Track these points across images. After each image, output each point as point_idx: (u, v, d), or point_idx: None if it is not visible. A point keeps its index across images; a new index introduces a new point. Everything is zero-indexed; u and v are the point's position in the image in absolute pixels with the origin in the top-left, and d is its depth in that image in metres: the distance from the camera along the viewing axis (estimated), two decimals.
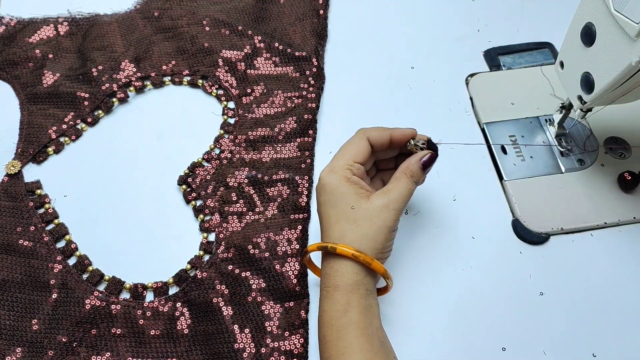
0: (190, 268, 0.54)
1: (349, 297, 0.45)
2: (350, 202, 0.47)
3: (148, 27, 0.68)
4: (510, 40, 0.68)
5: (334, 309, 0.45)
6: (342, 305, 0.45)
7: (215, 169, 0.59)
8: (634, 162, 0.59)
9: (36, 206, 0.56)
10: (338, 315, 0.45)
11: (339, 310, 0.45)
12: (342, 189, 0.48)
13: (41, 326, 0.50)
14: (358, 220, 0.47)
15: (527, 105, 0.63)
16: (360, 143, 0.50)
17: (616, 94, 0.48)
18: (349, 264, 0.46)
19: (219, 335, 0.50)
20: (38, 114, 0.62)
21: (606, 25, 0.45)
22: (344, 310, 0.45)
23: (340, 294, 0.46)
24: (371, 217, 0.46)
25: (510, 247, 0.55)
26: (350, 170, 0.49)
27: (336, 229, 0.47)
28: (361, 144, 0.50)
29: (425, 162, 0.49)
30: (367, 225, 0.46)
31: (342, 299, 0.45)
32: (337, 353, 0.44)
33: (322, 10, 0.70)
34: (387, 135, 0.50)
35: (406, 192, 0.48)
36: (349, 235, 0.46)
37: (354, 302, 0.45)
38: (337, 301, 0.45)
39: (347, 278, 0.46)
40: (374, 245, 0.46)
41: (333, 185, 0.48)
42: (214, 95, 0.64)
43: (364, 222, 0.47)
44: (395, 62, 0.67)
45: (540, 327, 0.51)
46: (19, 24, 0.67)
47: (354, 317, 0.44)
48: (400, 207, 0.47)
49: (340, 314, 0.45)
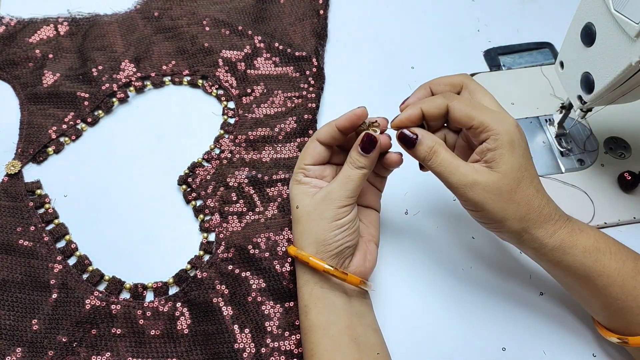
0: (190, 268, 0.54)
1: (306, 300, 0.47)
2: (295, 203, 0.48)
3: (148, 27, 0.68)
4: (510, 40, 0.68)
5: (300, 312, 0.47)
6: (302, 308, 0.47)
7: (215, 169, 0.59)
8: (634, 162, 0.59)
9: (36, 206, 0.56)
10: (302, 319, 0.47)
11: (302, 313, 0.47)
12: (294, 192, 0.49)
13: (41, 326, 0.50)
14: (300, 219, 0.47)
15: (527, 105, 0.63)
16: (309, 146, 0.49)
17: (616, 94, 0.48)
18: (298, 264, 0.48)
19: (219, 335, 0.50)
20: (38, 114, 0.62)
21: (606, 25, 0.45)
22: (305, 313, 0.47)
23: (300, 295, 0.47)
24: (309, 212, 0.47)
25: (510, 247, 0.55)
26: (302, 173, 0.49)
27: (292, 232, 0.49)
28: (310, 147, 0.49)
29: (363, 146, 0.46)
30: (305, 222, 0.47)
31: (301, 302, 0.47)
32: (307, 355, 0.46)
33: (322, 10, 0.70)
34: (332, 127, 0.48)
35: (345, 180, 0.46)
36: (294, 234, 0.48)
37: (311, 304, 0.46)
38: (300, 305, 0.47)
39: (301, 279, 0.48)
40: (315, 239, 0.46)
41: (290, 189, 0.49)
42: (214, 95, 0.64)
43: (304, 219, 0.47)
44: (395, 62, 0.67)
45: (540, 327, 0.51)
46: (19, 24, 0.67)
47: (313, 318, 0.46)
48: (339, 195, 0.46)
49: (303, 317, 0.47)
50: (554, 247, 0.45)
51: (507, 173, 0.44)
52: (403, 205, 0.58)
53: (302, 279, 0.48)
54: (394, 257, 0.54)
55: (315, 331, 0.45)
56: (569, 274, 0.46)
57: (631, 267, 0.45)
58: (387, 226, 0.56)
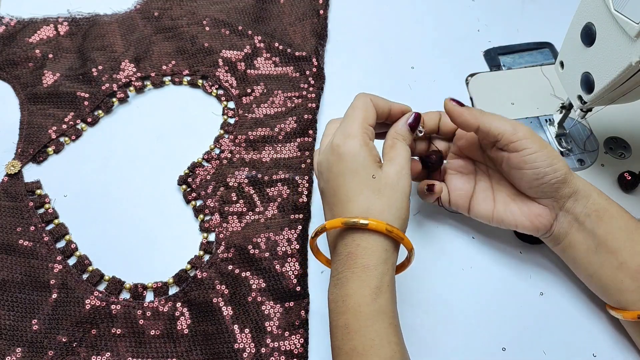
0: (190, 268, 0.54)
1: (380, 280, 0.41)
2: (371, 171, 0.44)
3: (148, 27, 0.68)
4: (510, 40, 0.68)
5: (363, 294, 0.41)
6: (372, 289, 0.41)
7: (215, 169, 0.59)
8: (634, 162, 0.59)
9: (36, 206, 0.56)
10: (367, 301, 0.40)
11: (368, 295, 0.41)
12: (363, 155, 0.44)
13: (41, 326, 0.50)
14: (382, 190, 0.43)
15: (527, 105, 0.63)
16: (369, 106, 0.47)
17: (616, 94, 0.48)
18: (380, 240, 0.42)
19: (219, 335, 0.50)
20: (38, 114, 0.62)
21: (606, 25, 0.45)
22: (375, 295, 0.40)
23: (371, 275, 0.41)
24: (393, 185, 0.43)
25: (510, 247, 0.55)
26: (366, 134, 0.45)
27: (360, 200, 0.43)
28: (370, 107, 0.47)
29: (412, 124, 0.48)
30: (391, 194, 0.43)
31: (372, 282, 0.41)
32: (365, 345, 0.40)
33: (322, 10, 0.70)
34: (388, 106, 0.48)
35: (407, 156, 0.46)
36: (375, 206, 0.43)
37: (385, 285, 0.41)
38: (367, 284, 0.41)
39: (378, 257, 0.42)
40: (400, 215, 0.43)
41: (354, 152, 0.44)
42: (214, 95, 0.64)
43: (388, 191, 0.43)
44: (395, 62, 0.67)
45: (540, 327, 0.51)
46: (19, 24, 0.67)
47: (384, 303, 0.41)
48: (408, 172, 0.45)
49: (370, 300, 0.40)
50: (598, 194, 0.47)
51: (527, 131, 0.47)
52: None
53: (379, 257, 0.42)
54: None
55: (384, 318, 0.40)
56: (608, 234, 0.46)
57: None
58: None
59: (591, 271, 0.48)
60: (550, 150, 0.47)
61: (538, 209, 0.49)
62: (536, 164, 0.46)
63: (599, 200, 0.47)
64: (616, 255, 0.46)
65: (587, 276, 0.50)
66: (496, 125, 0.47)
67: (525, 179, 0.48)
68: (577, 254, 0.49)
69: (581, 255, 0.49)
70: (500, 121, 0.48)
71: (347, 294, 0.41)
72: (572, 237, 0.49)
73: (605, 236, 0.47)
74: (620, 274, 0.46)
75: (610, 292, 0.48)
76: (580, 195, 0.47)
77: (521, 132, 0.47)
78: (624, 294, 0.47)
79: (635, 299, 0.46)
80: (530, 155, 0.46)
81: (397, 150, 0.46)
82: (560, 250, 0.50)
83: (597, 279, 0.48)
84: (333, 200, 0.45)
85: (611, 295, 0.48)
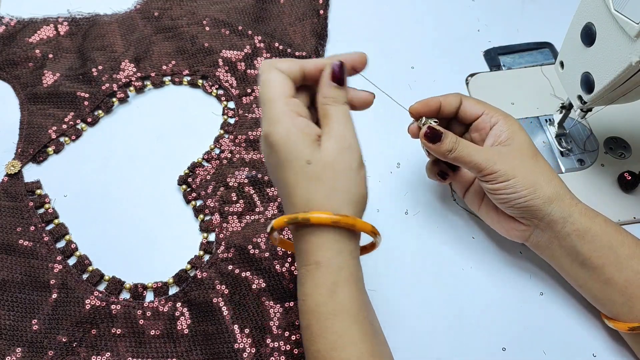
0: (190, 268, 0.54)
1: (337, 275, 0.38)
2: (305, 156, 0.38)
3: (148, 27, 0.68)
4: (510, 40, 0.68)
5: (319, 292, 0.38)
6: (327, 287, 0.38)
7: (215, 169, 0.59)
8: (634, 162, 0.59)
9: (36, 206, 0.56)
10: (324, 300, 0.38)
11: (325, 294, 0.38)
12: (292, 140, 0.39)
13: (41, 326, 0.50)
14: (320, 175, 0.38)
15: (527, 105, 0.63)
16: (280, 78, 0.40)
17: (616, 94, 0.48)
18: (330, 232, 0.38)
19: (219, 335, 0.50)
20: (38, 114, 0.62)
21: (606, 25, 0.45)
22: (330, 292, 0.38)
23: (325, 272, 0.38)
24: (333, 164, 0.38)
25: (510, 247, 0.55)
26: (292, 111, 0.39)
27: (298, 193, 0.39)
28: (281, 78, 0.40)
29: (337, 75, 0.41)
30: (333, 176, 0.38)
31: (328, 278, 0.38)
32: (327, 347, 0.37)
33: (322, 10, 0.70)
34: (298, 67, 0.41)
35: (344, 120, 0.40)
36: (316, 197, 0.38)
37: (343, 280, 0.38)
38: (322, 282, 0.38)
39: (330, 250, 0.38)
40: (350, 197, 0.39)
41: (282, 140, 0.39)
42: (214, 95, 0.64)
43: (328, 174, 0.38)
44: (395, 62, 0.67)
45: (540, 327, 0.51)
46: (19, 24, 0.67)
47: (343, 300, 0.38)
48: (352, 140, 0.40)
49: (327, 299, 0.38)
50: (580, 213, 0.47)
51: (523, 144, 0.49)
52: (403, 205, 0.58)
53: (331, 250, 0.38)
54: (394, 257, 0.54)
55: (344, 317, 0.37)
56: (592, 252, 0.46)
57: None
58: (387, 226, 0.56)
59: (580, 283, 0.49)
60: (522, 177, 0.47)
61: (514, 223, 0.50)
62: (500, 192, 0.48)
63: (581, 220, 0.47)
64: (602, 271, 0.46)
65: (577, 286, 0.50)
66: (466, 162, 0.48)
67: (495, 200, 0.49)
68: (562, 265, 0.50)
69: (567, 268, 0.49)
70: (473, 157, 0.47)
71: (305, 293, 0.39)
72: (554, 252, 0.49)
73: (589, 253, 0.47)
74: (608, 288, 0.47)
75: (600, 303, 0.48)
76: (556, 217, 0.47)
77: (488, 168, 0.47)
78: (614, 307, 0.47)
79: (625, 311, 0.46)
80: (495, 184, 0.47)
81: (331, 118, 0.40)
82: (546, 258, 0.51)
83: (586, 290, 0.49)
84: (279, 193, 0.42)
85: (603, 306, 0.48)
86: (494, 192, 0.48)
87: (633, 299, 0.45)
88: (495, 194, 0.48)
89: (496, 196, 0.48)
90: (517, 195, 0.47)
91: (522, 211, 0.48)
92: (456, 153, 0.48)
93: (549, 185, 0.47)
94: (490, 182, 0.48)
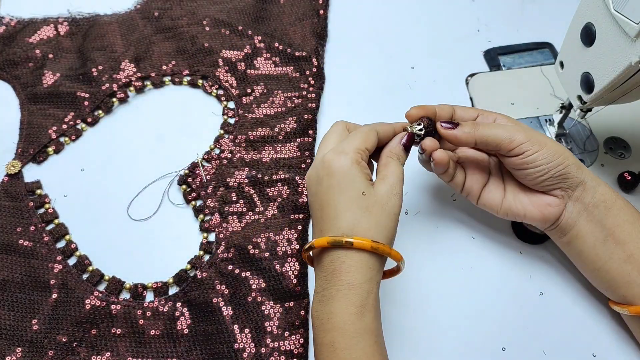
0: (190, 268, 0.54)
1: (366, 298, 0.41)
2: (361, 188, 0.43)
3: (148, 27, 0.68)
4: (510, 40, 0.68)
5: (349, 312, 0.41)
6: (357, 307, 0.41)
7: (215, 169, 0.59)
8: (634, 162, 0.59)
9: (36, 206, 0.56)
10: (353, 319, 0.41)
11: (354, 313, 0.41)
12: (354, 172, 0.44)
13: (41, 326, 0.50)
14: (370, 208, 0.43)
15: (527, 105, 0.63)
16: (370, 133, 0.47)
17: (616, 94, 0.48)
18: (365, 258, 0.42)
19: (219, 335, 0.50)
20: (38, 114, 0.62)
21: (606, 25, 0.45)
22: (360, 313, 0.41)
23: (356, 293, 0.41)
24: (382, 203, 0.44)
25: (510, 247, 0.55)
26: (360, 155, 0.45)
27: (347, 217, 0.43)
28: (371, 134, 0.47)
29: (405, 143, 0.48)
30: (380, 213, 0.43)
31: (358, 300, 0.41)
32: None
33: (322, 10, 0.70)
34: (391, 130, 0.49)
35: (401, 175, 0.46)
36: (362, 224, 0.43)
37: (370, 304, 0.42)
38: (353, 302, 0.41)
39: (363, 275, 0.42)
40: (387, 234, 0.44)
41: (344, 168, 0.44)
42: (214, 95, 0.64)
43: (376, 209, 0.43)
44: (395, 62, 0.67)
45: (540, 327, 0.51)
46: (19, 24, 0.67)
47: (369, 321, 0.41)
48: (400, 191, 0.45)
49: (356, 318, 0.41)
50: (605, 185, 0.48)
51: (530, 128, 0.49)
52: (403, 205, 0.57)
53: (364, 275, 0.42)
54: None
55: (369, 336, 0.41)
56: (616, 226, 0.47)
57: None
58: None
59: (598, 264, 0.48)
60: (551, 146, 0.47)
61: (548, 198, 0.49)
62: (537, 163, 0.47)
63: (607, 192, 0.48)
64: (624, 247, 0.46)
65: (593, 270, 0.49)
66: (492, 137, 0.48)
67: (529, 178, 0.48)
68: (584, 246, 0.49)
69: (588, 247, 0.48)
70: (495, 130, 0.48)
71: (332, 311, 0.42)
72: (580, 228, 0.49)
73: (613, 227, 0.47)
74: (627, 267, 0.46)
75: (616, 285, 0.48)
76: (588, 185, 0.48)
77: (518, 137, 0.47)
78: (630, 288, 0.46)
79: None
80: (530, 156, 0.47)
81: (390, 168, 0.46)
82: (567, 242, 0.50)
83: (604, 272, 0.48)
84: (320, 214, 0.45)
85: (617, 289, 0.48)
86: (530, 166, 0.47)
87: None
88: (531, 167, 0.47)
89: (533, 169, 0.47)
90: (555, 163, 0.47)
91: (559, 180, 0.47)
92: (481, 130, 0.48)
93: (572, 155, 0.48)
94: (524, 155, 0.47)
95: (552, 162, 0.47)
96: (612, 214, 0.47)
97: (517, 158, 0.47)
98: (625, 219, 0.47)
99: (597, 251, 0.48)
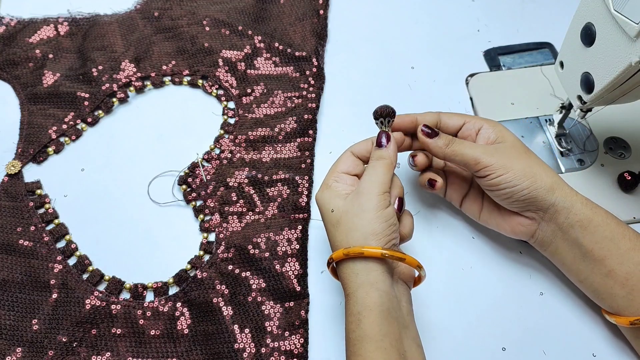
0: (190, 268, 0.54)
1: (361, 304, 0.43)
2: (329, 207, 0.47)
3: (148, 27, 0.68)
4: (510, 40, 0.68)
5: (349, 321, 0.43)
6: (354, 316, 0.43)
7: (215, 169, 0.59)
8: (634, 162, 0.59)
9: (36, 206, 0.56)
10: (352, 328, 0.43)
11: (353, 322, 0.43)
12: (325, 197, 0.47)
13: (41, 326, 0.50)
14: (340, 220, 0.46)
15: (527, 105, 0.63)
16: (343, 156, 0.50)
17: (616, 94, 0.48)
18: (349, 267, 0.44)
19: (219, 335, 0.50)
20: (38, 114, 0.62)
21: (606, 25, 0.45)
22: (357, 321, 0.42)
23: (352, 302, 0.43)
24: (347, 210, 0.46)
25: (510, 247, 0.55)
26: (334, 179, 0.48)
27: (331, 240, 0.47)
28: (344, 157, 0.50)
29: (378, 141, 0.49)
30: (346, 220, 0.45)
31: (354, 308, 0.43)
32: None
33: (322, 10, 0.70)
34: (368, 143, 0.50)
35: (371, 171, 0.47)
36: (336, 238, 0.46)
37: (367, 309, 0.42)
38: (350, 312, 0.43)
39: (353, 283, 0.44)
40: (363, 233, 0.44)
41: (321, 200, 0.48)
42: (214, 95, 0.64)
43: (344, 218, 0.45)
44: (395, 62, 0.67)
45: (540, 327, 0.51)
46: (19, 24, 0.67)
47: (368, 327, 0.42)
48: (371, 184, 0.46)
49: (354, 326, 0.43)
50: (582, 203, 0.48)
51: (514, 141, 0.50)
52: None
53: (354, 283, 0.44)
54: None
55: (368, 343, 0.41)
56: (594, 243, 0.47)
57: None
58: None
59: (581, 277, 0.49)
60: (518, 170, 0.47)
61: (519, 218, 0.50)
62: (501, 186, 0.48)
63: (583, 210, 0.47)
64: (604, 263, 0.47)
65: (577, 282, 0.50)
66: (460, 157, 0.49)
67: (498, 199, 0.50)
68: (564, 260, 0.50)
69: (569, 262, 0.49)
70: (465, 150, 0.49)
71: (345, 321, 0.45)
72: (557, 245, 0.49)
73: (591, 245, 0.47)
74: (609, 281, 0.47)
75: (601, 297, 0.48)
76: (560, 207, 0.48)
77: (484, 160, 0.48)
78: (614, 300, 0.47)
79: (626, 305, 0.46)
80: (494, 179, 0.48)
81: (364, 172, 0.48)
82: (549, 255, 0.51)
83: (587, 284, 0.49)
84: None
85: (603, 301, 0.48)
86: (495, 188, 0.48)
87: (634, 292, 0.45)
88: (496, 190, 0.48)
89: (498, 192, 0.48)
90: (519, 187, 0.47)
91: (527, 203, 0.48)
92: (452, 147, 0.49)
93: (547, 175, 0.48)
94: (489, 177, 0.48)
95: (516, 186, 0.47)
96: (589, 232, 0.47)
97: (483, 180, 0.49)
98: (604, 236, 0.47)
99: (577, 266, 0.49)
